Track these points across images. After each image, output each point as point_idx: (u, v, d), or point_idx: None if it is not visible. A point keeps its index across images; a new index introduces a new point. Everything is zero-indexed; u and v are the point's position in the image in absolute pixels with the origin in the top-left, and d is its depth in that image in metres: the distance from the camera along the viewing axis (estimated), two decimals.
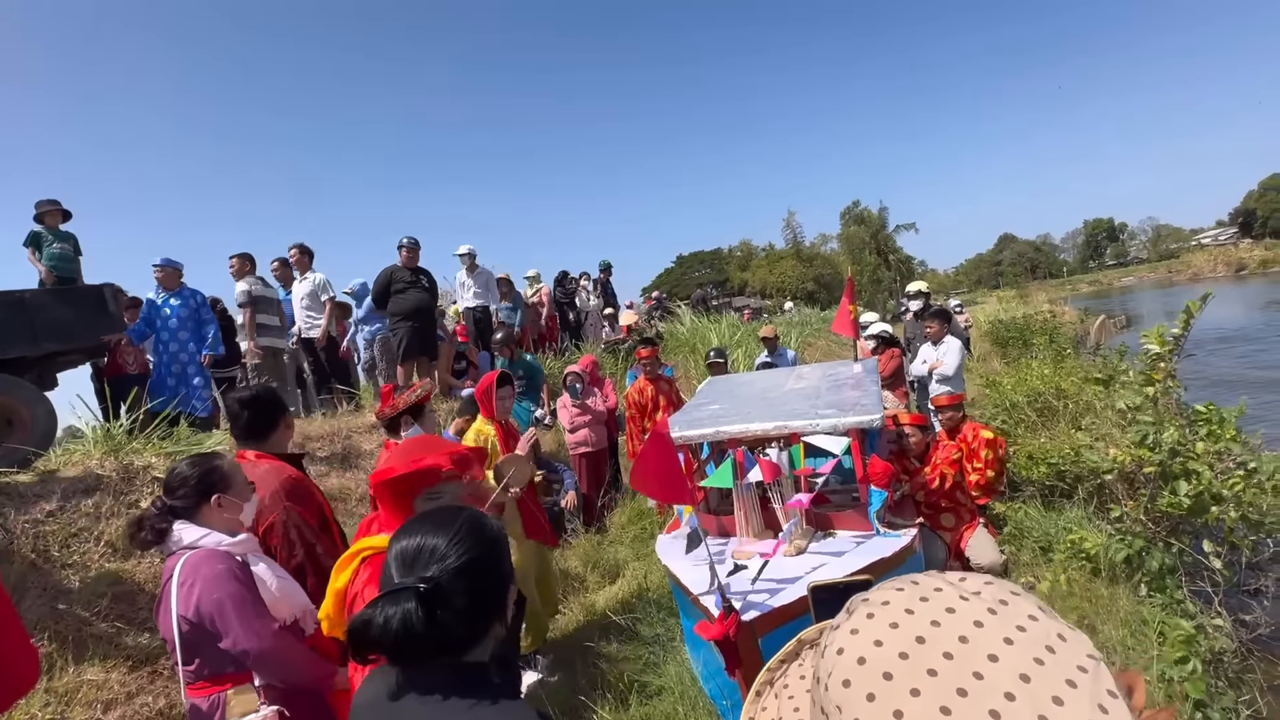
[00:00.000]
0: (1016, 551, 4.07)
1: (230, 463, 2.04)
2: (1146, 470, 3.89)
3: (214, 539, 1.87)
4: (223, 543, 1.88)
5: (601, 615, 4.04)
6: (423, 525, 1.11)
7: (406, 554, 1.07)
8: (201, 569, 1.78)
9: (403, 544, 1.09)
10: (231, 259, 6.13)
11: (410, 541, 1.09)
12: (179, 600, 1.75)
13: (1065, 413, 5.35)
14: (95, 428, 4.65)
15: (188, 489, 1.91)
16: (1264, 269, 40.73)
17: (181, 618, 1.74)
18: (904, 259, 37.83)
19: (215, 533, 1.89)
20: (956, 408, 4.37)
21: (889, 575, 2.31)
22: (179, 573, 1.78)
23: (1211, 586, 3.63)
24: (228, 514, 1.94)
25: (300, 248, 6.59)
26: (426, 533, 1.09)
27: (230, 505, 1.95)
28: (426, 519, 1.13)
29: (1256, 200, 69.34)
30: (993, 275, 79.88)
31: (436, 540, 1.07)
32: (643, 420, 5.66)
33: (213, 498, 1.93)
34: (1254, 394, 9.37)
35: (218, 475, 1.95)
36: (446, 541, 1.07)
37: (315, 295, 6.44)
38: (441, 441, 1.94)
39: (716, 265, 56.31)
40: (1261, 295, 26.96)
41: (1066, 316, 15.58)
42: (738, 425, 3.45)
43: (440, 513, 1.16)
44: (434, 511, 1.17)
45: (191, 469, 1.95)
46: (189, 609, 1.74)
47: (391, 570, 1.07)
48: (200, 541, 1.85)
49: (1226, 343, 14.74)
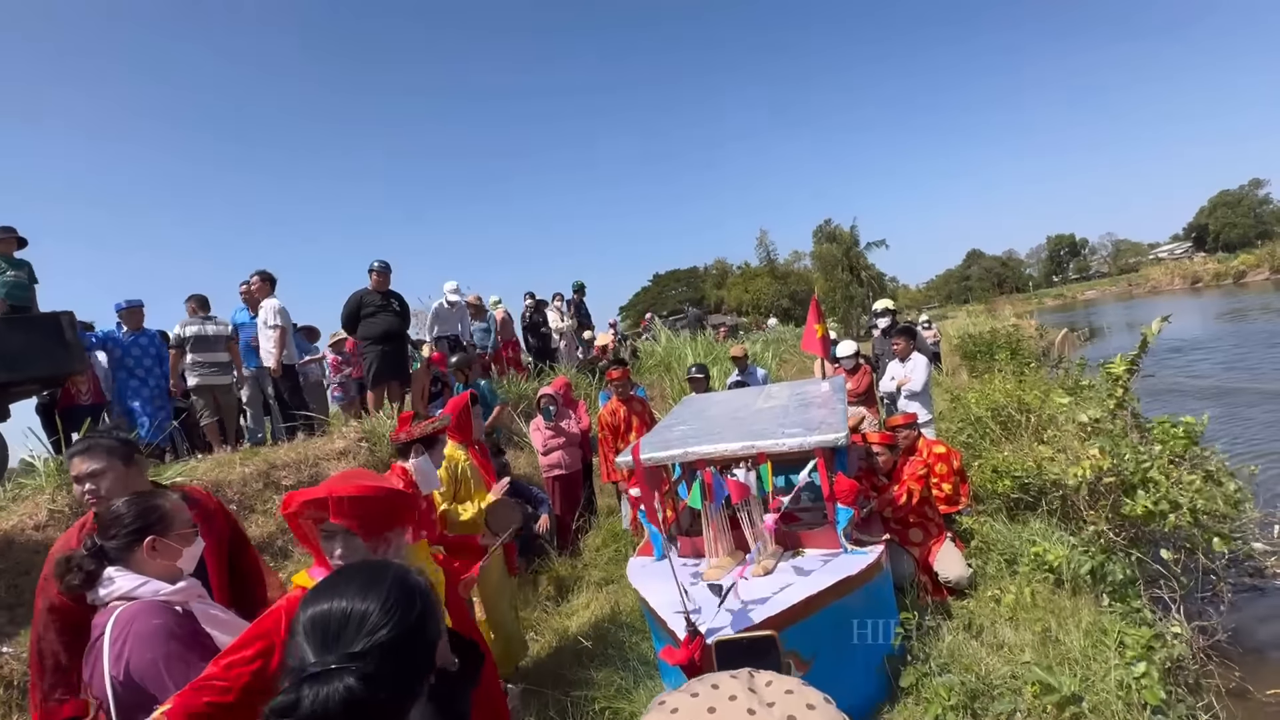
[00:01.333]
0: (983, 564, 4.13)
1: (173, 501, 1.87)
2: (1106, 481, 3.99)
3: (151, 588, 1.70)
4: (160, 591, 1.71)
5: (574, 640, 3.98)
6: (345, 587, 0.98)
7: (328, 623, 0.93)
8: (135, 624, 1.62)
9: (321, 609, 0.95)
10: (187, 301, 6.34)
11: (330, 606, 0.95)
12: (110, 660, 1.58)
13: (1028, 425, 5.47)
14: (47, 460, 4.50)
15: (121, 529, 1.74)
16: (1217, 281, 42.28)
17: (114, 679, 1.57)
18: (876, 275, 38.50)
19: (153, 581, 1.72)
20: (910, 426, 4.44)
21: (860, 589, 2.32)
22: (111, 628, 1.61)
23: (1170, 594, 3.72)
24: (163, 559, 1.76)
25: (261, 274, 6.49)
26: (351, 596, 0.96)
27: (166, 550, 1.77)
28: (349, 578, 1.01)
29: (1208, 215, 72.20)
30: (962, 290, 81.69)
31: (364, 606, 0.95)
32: (615, 441, 5.65)
33: (146, 540, 1.74)
34: (1205, 402, 9.74)
35: (156, 515, 1.78)
36: (377, 608, 0.95)
37: (267, 323, 6.35)
38: (369, 476, 1.83)
39: (693, 284, 56.73)
40: (1215, 307, 27.99)
41: (1030, 330, 15.96)
42: (706, 446, 3.47)
43: (365, 571, 1.03)
44: (357, 569, 1.05)
45: (127, 508, 1.77)
46: (120, 670, 1.58)
47: (302, 641, 0.93)
48: (136, 591, 1.68)
49: (1180, 353, 15.26)
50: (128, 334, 5.69)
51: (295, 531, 1.73)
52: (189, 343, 5.99)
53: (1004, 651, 3.23)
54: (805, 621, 2.80)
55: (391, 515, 1.71)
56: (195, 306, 6.33)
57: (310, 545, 1.73)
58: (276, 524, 4.62)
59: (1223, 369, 12.76)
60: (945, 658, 3.21)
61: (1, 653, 3.23)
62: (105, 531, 1.76)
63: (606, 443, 5.69)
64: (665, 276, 62.10)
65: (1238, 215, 67.68)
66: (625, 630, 4.02)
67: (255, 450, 5.61)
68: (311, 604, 0.96)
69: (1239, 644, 3.79)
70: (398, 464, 3.15)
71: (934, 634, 3.44)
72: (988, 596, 3.74)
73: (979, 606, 3.71)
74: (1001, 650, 3.25)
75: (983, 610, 3.65)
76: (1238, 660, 3.62)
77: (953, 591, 3.95)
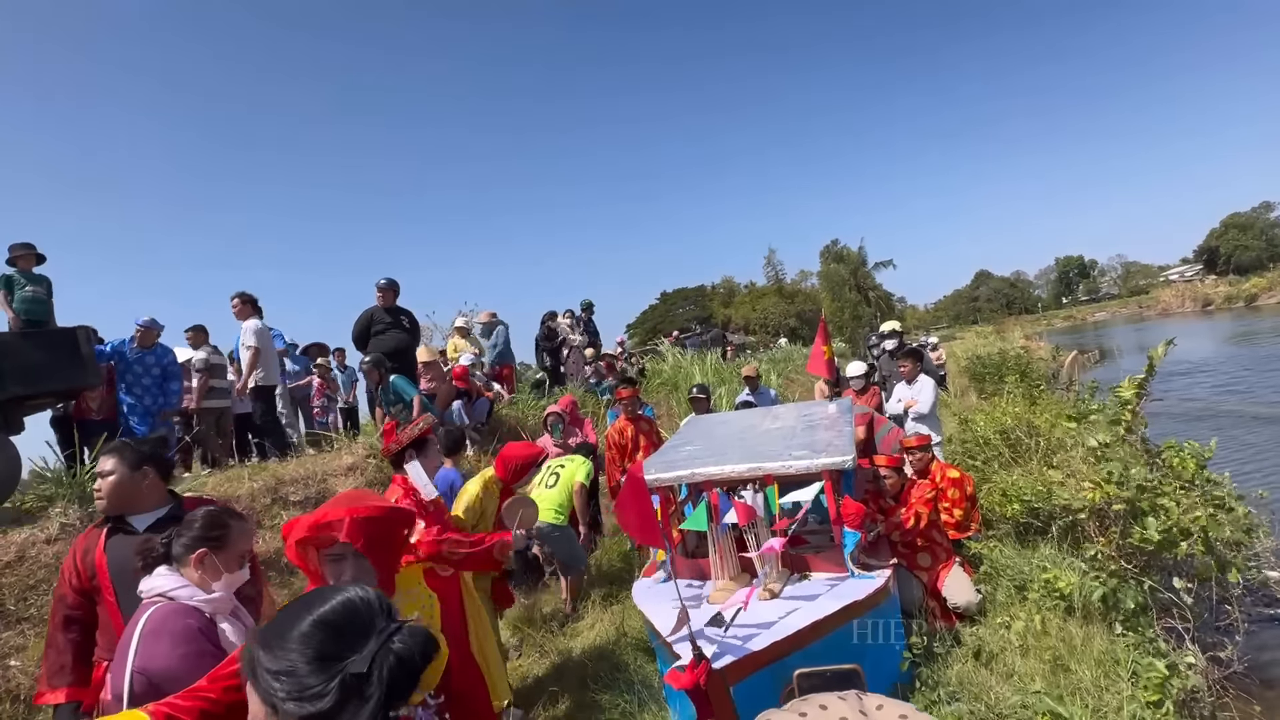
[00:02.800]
0: (992, 590, 4.08)
1: (241, 529, 1.95)
2: (1115, 508, 3.95)
3: (188, 592, 1.79)
4: (195, 597, 1.79)
5: (578, 662, 3.95)
6: (326, 593, 1.04)
7: (354, 613, 0.99)
8: (168, 622, 1.70)
9: (329, 608, 1.00)
10: (187, 332, 6.80)
11: (336, 603, 1.01)
12: (138, 652, 1.65)
13: (1037, 449, 5.42)
14: (60, 474, 4.54)
15: (188, 534, 1.85)
16: (1229, 304, 41.97)
17: (136, 672, 1.63)
18: (883, 295, 38.53)
19: (191, 586, 1.81)
20: (925, 448, 4.42)
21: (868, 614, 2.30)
22: (144, 623, 1.70)
23: (1183, 624, 3.66)
24: (205, 574, 1.84)
25: (241, 296, 6.57)
26: (341, 593, 1.03)
27: (211, 568, 1.85)
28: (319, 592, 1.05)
29: (1219, 238, 71.86)
30: (970, 311, 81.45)
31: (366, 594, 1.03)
32: (622, 460, 5.65)
33: (199, 551, 1.83)
34: (1213, 426, 9.63)
35: (219, 533, 1.87)
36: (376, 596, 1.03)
37: (244, 344, 6.47)
38: (368, 497, 1.86)
39: (700, 302, 56.73)
40: (1227, 329, 27.76)
41: (1040, 352, 15.87)
42: (713, 467, 3.47)
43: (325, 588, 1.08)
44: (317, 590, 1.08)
45: (204, 517, 1.89)
46: (147, 663, 1.64)
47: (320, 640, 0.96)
48: (174, 592, 1.77)
49: (1189, 376, 15.12)
50: (135, 350, 5.76)
51: (296, 558, 1.72)
52: (210, 370, 6.43)
53: (1014, 680, 3.18)
54: (812, 646, 2.77)
55: (394, 535, 1.73)
56: (202, 338, 6.77)
57: (310, 571, 1.73)
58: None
59: (1231, 393, 12.65)
60: (954, 685, 3.16)
61: (9, 666, 3.24)
62: (180, 532, 1.87)
63: (614, 462, 5.69)
64: (673, 295, 62.15)
65: (1249, 238, 67.32)
66: (630, 652, 3.99)
67: (264, 466, 5.65)
68: (290, 624, 0.98)
69: (1255, 676, 3.71)
70: (398, 475, 3.17)
71: (943, 661, 3.39)
72: (997, 623, 3.69)
73: (989, 633, 3.66)
74: (1011, 679, 3.20)
75: (992, 637, 3.60)
76: (1256, 694, 3.55)
77: (962, 617, 3.90)
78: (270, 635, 0.99)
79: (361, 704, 0.91)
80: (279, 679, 0.94)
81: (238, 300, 6.55)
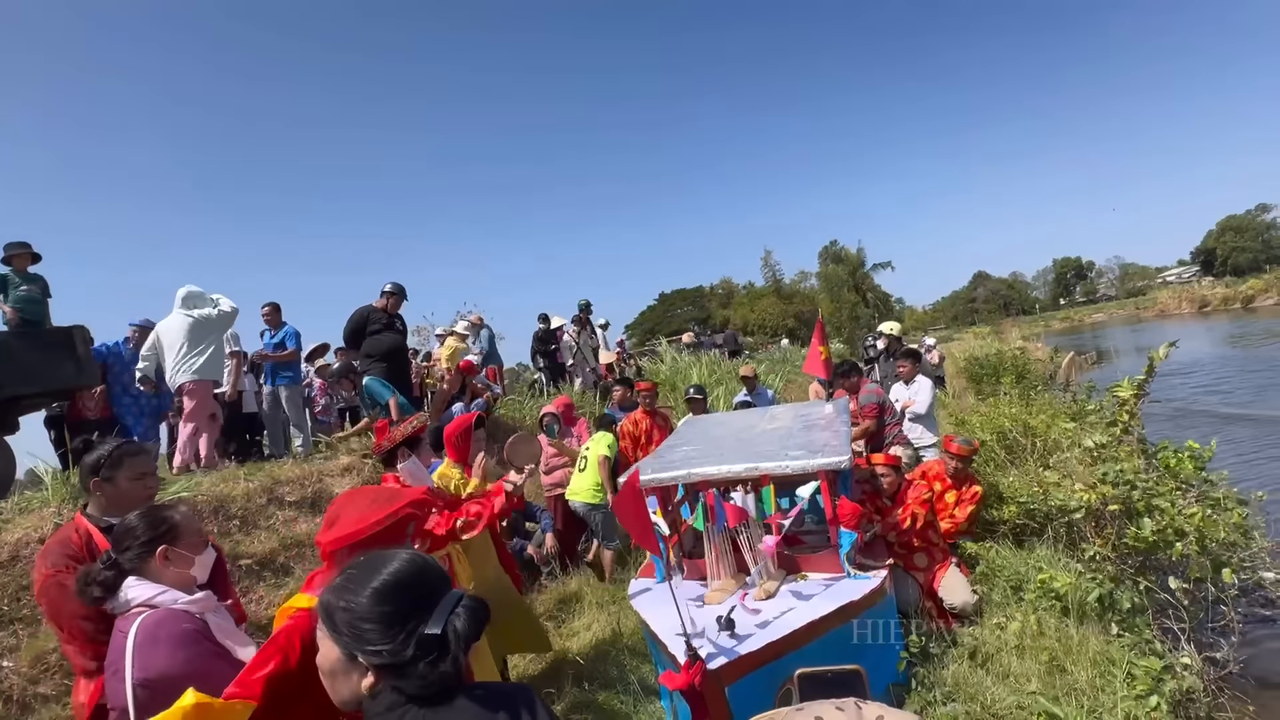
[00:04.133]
0: (989, 591, 4.08)
1: (183, 513, 1.92)
2: (1111, 508, 3.96)
3: (170, 596, 1.75)
4: (179, 600, 1.75)
5: (574, 661, 3.94)
6: (381, 560, 1.15)
7: (416, 580, 1.12)
8: (164, 628, 1.67)
9: (387, 579, 1.11)
10: None
11: (403, 564, 1.13)
12: (135, 664, 1.60)
13: (1034, 451, 5.43)
14: (54, 474, 4.53)
15: (134, 542, 1.80)
16: (1225, 305, 42.07)
17: (138, 683, 1.59)
18: (882, 296, 38.59)
19: (171, 590, 1.77)
20: (968, 461, 4.34)
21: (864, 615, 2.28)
22: (135, 634, 1.64)
23: (1179, 624, 3.67)
24: (176, 567, 1.81)
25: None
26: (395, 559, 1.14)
27: (179, 559, 1.82)
28: (372, 560, 1.16)
29: (1216, 240, 72.10)
30: (968, 312, 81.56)
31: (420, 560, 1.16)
32: (635, 451, 5.67)
33: (159, 550, 1.79)
34: (1211, 426, 9.66)
35: (166, 526, 1.83)
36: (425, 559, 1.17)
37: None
38: (388, 489, 1.90)
39: (698, 303, 56.86)
40: (1224, 331, 27.84)
41: (1038, 353, 15.89)
42: (709, 467, 3.46)
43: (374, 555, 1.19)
44: (380, 553, 1.19)
45: (139, 520, 1.84)
46: (148, 672, 1.60)
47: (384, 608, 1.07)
48: (156, 599, 1.73)
49: (1189, 378, 15.16)
50: (131, 351, 5.76)
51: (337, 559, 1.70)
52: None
53: (1010, 681, 3.19)
54: (807, 647, 2.77)
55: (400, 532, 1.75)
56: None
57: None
58: (279, 540, 4.62)
59: (1228, 395, 12.68)
60: (950, 686, 3.16)
61: (2, 666, 3.23)
62: (119, 544, 1.82)
63: (626, 451, 5.70)
64: (671, 296, 62.27)
65: (1245, 240, 67.56)
66: (626, 653, 3.98)
67: (260, 466, 5.63)
68: (365, 583, 1.10)
69: (1251, 677, 3.72)
70: (388, 474, 3.16)
71: (939, 661, 3.39)
72: (994, 624, 3.69)
73: (985, 634, 3.65)
74: (1007, 679, 3.20)
75: (988, 638, 3.60)
76: (1252, 695, 3.55)
77: (958, 618, 3.90)
78: (347, 589, 1.10)
79: (439, 658, 1.04)
80: (358, 630, 1.06)
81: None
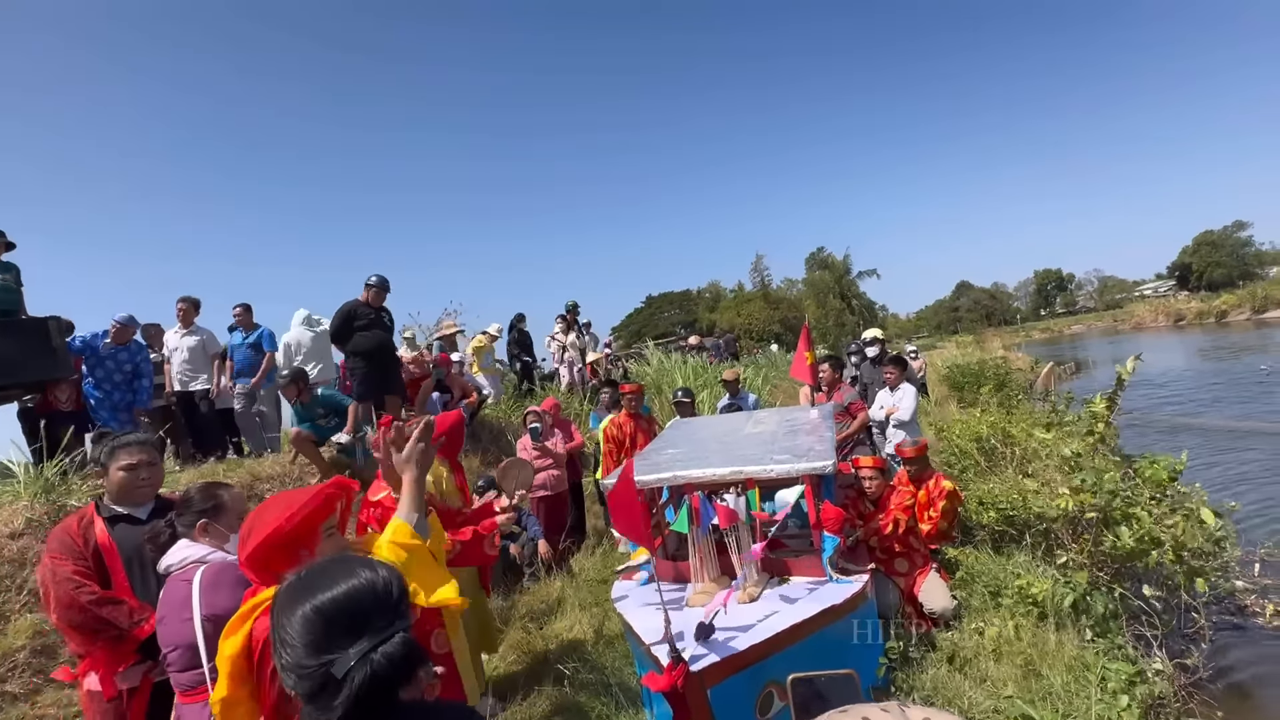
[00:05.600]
0: (967, 596, 4.13)
1: (232, 495, 2.22)
2: (1088, 516, 4.03)
3: (219, 555, 2.05)
4: (229, 557, 2.04)
5: (555, 663, 3.93)
6: (335, 572, 1.08)
7: (355, 602, 1.03)
8: (225, 575, 1.95)
9: (329, 596, 1.03)
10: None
11: (341, 590, 1.04)
12: (203, 603, 1.89)
13: (1013, 458, 5.51)
14: (26, 468, 4.42)
15: (187, 510, 2.12)
16: (1200, 320, 42.98)
17: (205, 618, 1.88)
18: (866, 304, 39.04)
19: (219, 551, 2.06)
20: (922, 460, 4.36)
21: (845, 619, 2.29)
22: (200, 580, 1.94)
23: (1152, 631, 3.74)
24: (212, 540, 2.09)
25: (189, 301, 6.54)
26: (348, 576, 1.06)
27: (216, 534, 2.10)
28: (328, 567, 1.10)
29: (1191, 255, 73.53)
30: (951, 321, 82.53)
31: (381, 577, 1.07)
32: (618, 454, 5.66)
33: (199, 523, 2.09)
34: (1185, 437, 9.87)
35: (213, 503, 2.14)
36: (383, 578, 1.07)
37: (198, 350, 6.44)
38: (302, 490, 1.90)
39: (685, 306, 56.96)
40: (1196, 344, 28.45)
41: (1018, 363, 16.14)
42: (695, 470, 3.48)
43: (339, 559, 1.13)
44: (328, 562, 1.13)
45: (196, 493, 2.17)
46: (215, 609, 1.87)
47: (316, 630, 1.00)
48: (209, 557, 2.03)
49: (1161, 388, 15.48)
50: (109, 346, 5.65)
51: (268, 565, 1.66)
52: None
53: (987, 685, 3.23)
54: (789, 650, 2.79)
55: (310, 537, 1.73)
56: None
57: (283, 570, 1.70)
58: None
59: (1201, 406, 12.97)
60: (929, 690, 3.20)
61: None
62: (178, 510, 2.16)
63: (610, 455, 5.71)
64: (658, 298, 62.32)
65: (1221, 255, 69.00)
66: (609, 654, 3.98)
67: (239, 462, 5.56)
68: (307, 598, 1.03)
69: (1221, 683, 3.80)
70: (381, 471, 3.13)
71: (918, 665, 3.43)
72: (972, 629, 3.74)
73: (963, 639, 3.70)
74: (985, 684, 3.24)
75: (967, 643, 3.65)
76: (1220, 700, 3.63)
77: (937, 623, 3.94)
78: (283, 602, 1.06)
79: (330, 705, 0.97)
80: (281, 648, 1.02)
81: (183, 304, 6.48)
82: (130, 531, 2.40)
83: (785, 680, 2.79)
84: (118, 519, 2.43)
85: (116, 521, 2.42)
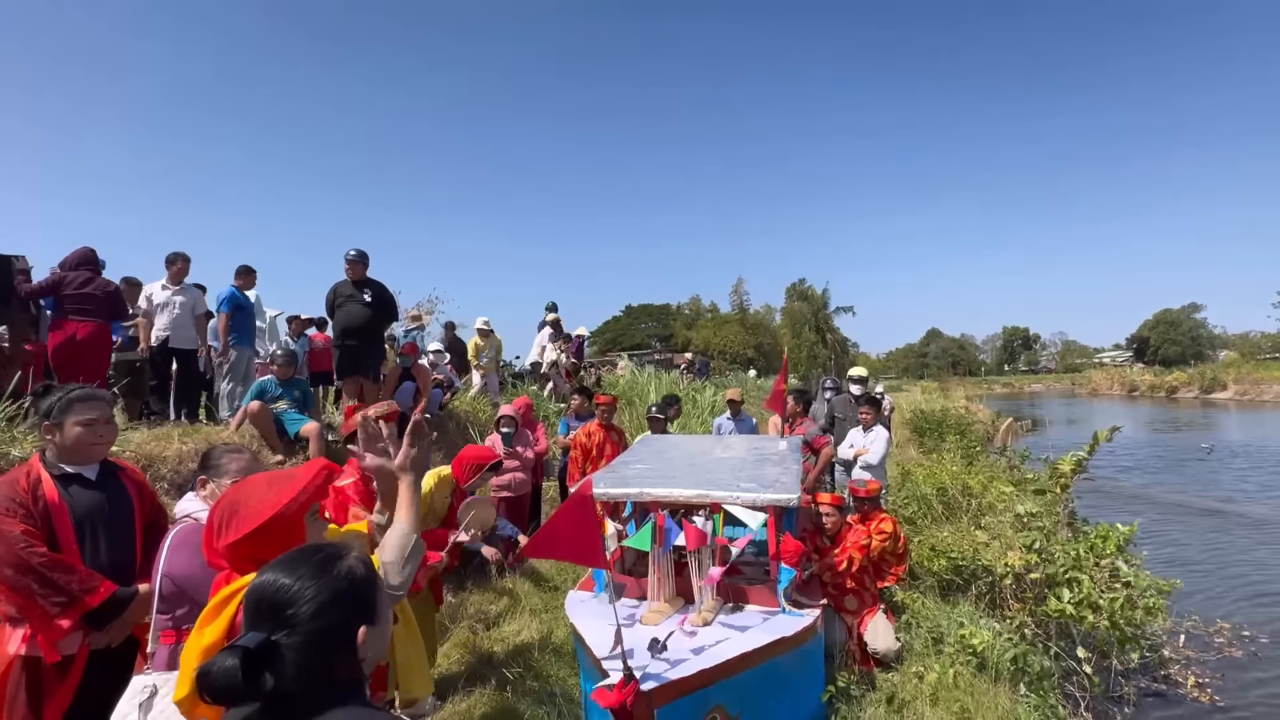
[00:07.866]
0: (911, 640, 4.22)
1: (233, 456, 2.27)
2: (1033, 576, 4.16)
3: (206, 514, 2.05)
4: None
5: (499, 667, 3.89)
6: (286, 564, 1.11)
7: (261, 596, 1.06)
8: (191, 538, 1.97)
9: (259, 582, 1.09)
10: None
11: (266, 579, 1.08)
12: (166, 560, 1.99)
13: (968, 509, 5.67)
14: None
15: (199, 467, 2.27)
16: (1152, 393, 44.76)
17: (165, 576, 1.97)
18: (840, 340, 39.78)
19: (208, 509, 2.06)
20: (873, 500, 4.45)
21: (795, 650, 2.34)
22: (171, 537, 2.04)
23: (1081, 691, 3.87)
24: (209, 499, 2.16)
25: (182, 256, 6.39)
26: (282, 572, 1.09)
27: (211, 493, 2.18)
28: (291, 557, 1.13)
29: (1150, 329, 76.78)
30: (919, 365, 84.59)
31: (293, 582, 1.06)
32: (584, 463, 5.65)
33: (198, 479, 2.22)
34: (1134, 506, 10.26)
35: (211, 461, 2.24)
36: (301, 586, 1.06)
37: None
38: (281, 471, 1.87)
39: (664, 320, 57.11)
40: (1148, 415, 29.60)
41: (980, 414, 16.59)
42: (661, 489, 3.50)
43: (305, 551, 1.15)
44: (303, 550, 1.16)
45: (210, 450, 2.30)
46: (174, 569, 1.96)
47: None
48: (198, 514, 2.09)
49: (1112, 453, 16.06)
50: None
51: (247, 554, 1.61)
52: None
53: None
54: (737, 677, 2.82)
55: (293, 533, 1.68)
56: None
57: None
58: None
59: (1149, 474, 13.51)
60: None
61: None
62: (197, 467, 2.33)
63: (575, 462, 5.70)
64: (637, 310, 62.30)
65: (1177, 333, 72.14)
66: (554, 662, 3.95)
67: (197, 428, 5.40)
68: (257, 575, 1.11)
69: None
70: (353, 458, 3.09)
71: (858, 704, 3.49)
72: (912, 672, 3.82)
73: (903, 681, 3.78)
74: None
75: (906, 685, 3.72)
76: None
77: (879, 663, 4.01)
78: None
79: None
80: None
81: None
82: (83, 494, 2.26)
83: (726, 706, 2.83)
84: (69, 479, 2.27)
85: (69, 482, 2.26)
